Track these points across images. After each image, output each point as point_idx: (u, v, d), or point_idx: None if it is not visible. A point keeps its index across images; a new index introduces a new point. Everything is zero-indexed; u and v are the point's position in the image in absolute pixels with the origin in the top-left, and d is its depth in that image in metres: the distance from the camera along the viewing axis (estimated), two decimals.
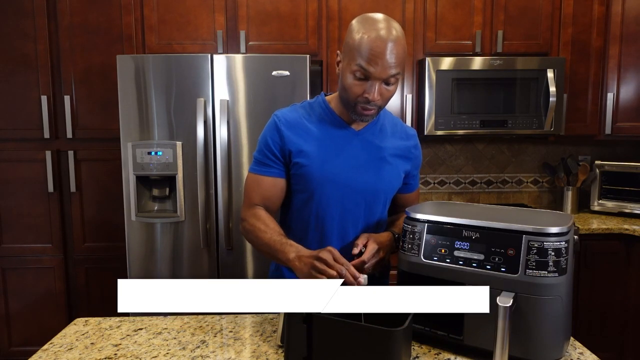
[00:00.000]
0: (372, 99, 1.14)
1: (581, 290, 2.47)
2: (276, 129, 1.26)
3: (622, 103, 2.63)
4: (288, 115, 1.27)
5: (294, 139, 1.24)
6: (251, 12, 2.52)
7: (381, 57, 1.09)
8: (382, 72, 1.11)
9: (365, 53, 1.10)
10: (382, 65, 1.10)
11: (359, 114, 1.19)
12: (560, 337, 0.97)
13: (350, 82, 1.15)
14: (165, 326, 1.21)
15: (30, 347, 2.61)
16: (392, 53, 1.10)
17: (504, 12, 2.61)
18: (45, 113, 2.50)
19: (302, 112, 1.29)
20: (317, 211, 1.27)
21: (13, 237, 2.59)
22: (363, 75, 1.12)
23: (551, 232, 0.94)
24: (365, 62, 1.10)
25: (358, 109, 1.18)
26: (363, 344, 0.87)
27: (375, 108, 1.18)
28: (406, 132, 1.36)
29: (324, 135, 1.26)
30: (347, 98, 1.18)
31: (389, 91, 1.16)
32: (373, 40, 1.09)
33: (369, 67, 1.10)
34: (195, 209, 2.23)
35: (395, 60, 1.11)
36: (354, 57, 1.12)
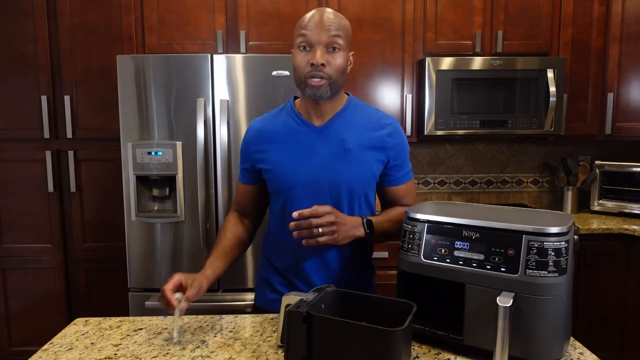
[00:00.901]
0: (316, 62, 1.16)
1: (581, 290, 2.47)
2: (244, 140, 1.36)
3: (622, 103, 2.64)
4: (256, 125, 1.34)
5: (259, 146, 1.31)
6: (251, 12, 2.52)
7: (318, 22, 1.17)
8: (320, 33, 1.17)
9: (303, 23, 1.19)
10: (320, 28, 1.17)
11: (310, 87, 1.20)
12: (560, 337, 0.97)
13: (298, 57, 1.20)
14: (165, 326, 1.21)
15: (30, 347, 2.61)
16: (328, 18, 1.18)
17: (504, 12, 2.61)
18: (45, 113, 2.50)
19: (271, 117, 1.34)
20: (287, 216, 1.28)
21: (13, 237, 2.59)
22: (305, 42, 1.18)
23: (551, 232, 0.94)
24: (305, 29, 1.18)
25: (308, 81, 1.19)
26: (363, 344, 0.87)
27: (324, 77, 1.18)
28: (380, 122, 1.31)
29: (286, 138, 1.28)
30: (298, 75, 1.21)
31: (335, 58, 1.19)
32: (309, 13, 1.21)
33: (309, 31, 1.17)
34: (195, 209, 2.23)
35: (331, 24, 1.17)
36: (296, 34, 1.21)
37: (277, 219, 1.34)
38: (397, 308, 0.99)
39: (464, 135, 2.58)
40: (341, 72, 1.22)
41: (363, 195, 1.30)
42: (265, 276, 1.40)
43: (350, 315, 1.02)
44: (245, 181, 1.38)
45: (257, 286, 1.45)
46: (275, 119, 1.33)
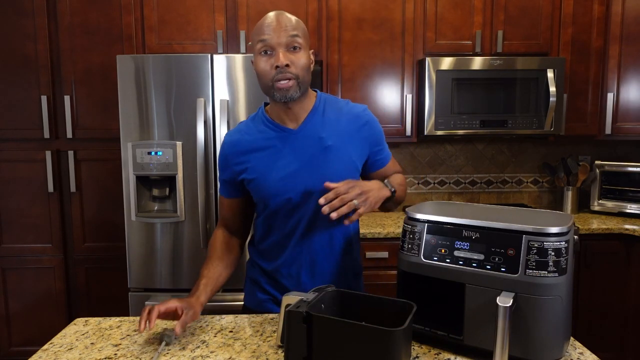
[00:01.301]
0: (280, 64, 1.16)
1: (581, 290, 2.47)
2: (222, 153, 1.33)
3: (622, 103, 2.64)
4: (231, 137, 1.31)
5: (238, 158, 1.29)
6: (251, 12, 2.52)
7: (274, 24, 1.17)
8: (279, 35, 1.17)
9: (261, 29, 1.19)
10: (277, 30, 1.17)
11: (278, 90, 1.19)
12: (560, 337, 0.97)
13: (260, 63, 1.19)
14: (165, 326, 1.21)
15: (30, 347, 2.61)
16: (283, 19, 1.18)
17: (504, 12, 2.61)
18: (45, 113, 2.50)
19: (244, 128, 1.32)
20: (275, 221, 1.29)
21: (13, 237, 2.59)
22: (266, 47, 1.18)
23: (551, 232, 0.94)
24: (263, 34, 1.18)
25: (275, 85, 1.18)
26: (363, 344, 0.87)
27: (291, 77, 1.18)
28: (352, 112, 1.31)
29: (263, 145, 1.27)
30: (265, 81, 1.20)
31: (298, 57, 1.18)
32: (262, 19, 1.21)
33: (267, 36, 1.17)
34: (195, 209, 2.23)
35: (288, 24, 1.18)
36: (255, 40, 1.20)
37: (263, 225, 1.33)
38: (397, 308, 0.99)
39: (464, 135, 2.58)
40: (306, 70, 1.21)
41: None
42: (253, 277, 1.40)
43: (350, 315, 1.02)
44: (228, 195, 1.36)
45: (245, 287, 1.45)
46: (249, 128, 1.30)
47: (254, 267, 1.41)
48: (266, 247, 1.35)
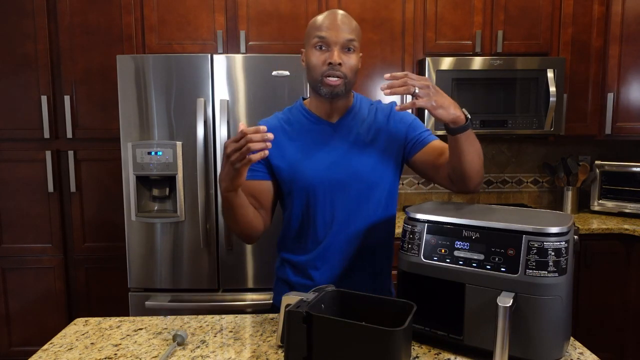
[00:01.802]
0: (333, 61, 1.20)
1: (581, 290, 2.47)
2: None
3: (622, 103, 2.63)
4: (268, 122, 1.32)
5: (272, 141, 1.22)
6: (251, 12, 2.52)
7: (334, 23, 1.23)
8: (337, 35, 1.21)
9: (319, 25, 1.24)
10: (336, 30, 1.22)
11: (326, 85, 1.22)
12: (560, 337, 0.97)
13: (313, 56, 1.23)
14: (165, 326, 1.21)
15: (30, 347, 2.61)
16: (344, 20, 1.24)
17: (504, 12, 2.61)
18: (45, 113, 2.50)
19: (282, 117, 1.34)
20: (307, 210, 1.29)
21: (13, 237, 2.59)
22: (322, 43, 1.22)
23: (551, 232, 0.94)
24: (322, 30, 1.22)
25: (325, 80, 1.22)
26: (363, 344, 0.87)
27: (340, 76, 1.21)
28: (383, 107, 1.35)
29: (301, 136, 1.29)
30: (314, 74, 1.23)
31: (350, 58, 1.23)
32: (324, 16, 1.26)
33: (325, 33, 1.22)
34: (195, 209, 2.23)
35: (347, 27, 1.23)
36: (311, 34, 1.25)
37: (294, 217, 1.31)
38: (397, 308, 0.99)
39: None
40: (355, 72, 1.26)
41: (387, 185, 1.31)
42: (283, 277, 1.38)
43: (350, 315, 1.02)
44: (260, 176, 1.29)
45: (275, 287, 1.43)
46: (287, 117, 1.34)
47: (283, 266, 1.39)
48: (297, 239, 1.33)
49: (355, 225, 1.28)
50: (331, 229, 1.28)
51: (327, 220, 1.28)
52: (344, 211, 1.28)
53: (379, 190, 1.30)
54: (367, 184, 1.28)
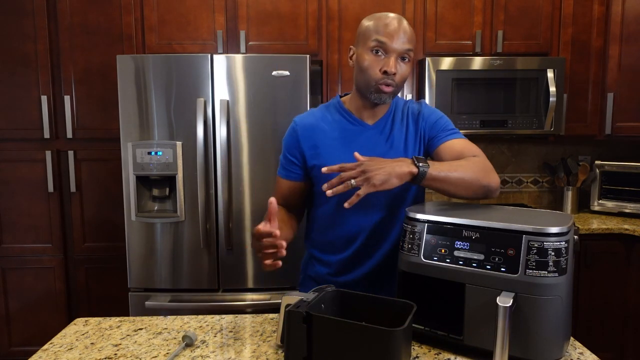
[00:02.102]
0: (390, 71, 1.18)
1: (581, 290, 2.47)
2: (293, 134, 1.32)
3: (622, 103, 2.63)
4: (305, 120, 1.32)
5: (310, 142, 1.30)
6: (251, 12, 2.52)
7: (396, 30, 1.19)
8: (398, 43, 1.18)
9: (381, 29, 1.19)
10: (397, 37, 1.18)
11: (378, 92, 1.22)
12: (560, 337, 0.97)
13: (369, 60, 1.20)
14: (165, 326, 1.21)
15: (30, 347, 2.61)
16: (405, 29, 1.20)
17: (504, 12, 2.61)
18: (45, 113, 2.50)
19: (318, 114, 1.33)
20: (336, 209, 1.29)
21: (13, 237, 2.59)
22: (381, 48, 1.19)
23: (551, 232, 0.94)
24: (382, 35, 1.18)
25: (378, 86, 1.21)
26: (363, 344, 0.87)
27: (393, 84, 1.21)
28: (412, 109, 1.34)
29: (338, 134, 1.29)
30: (367, 79, 1.22)
31: (405, 68, 1.22)
32: (386, 17, 1.21)
33: (386, 38, 1.18)
34: (195, 209, 2.23)
35: (408, 36, 1.20)
36: (369, 36, 1.20)
37: (325, 218, 1.33)
38: (397, 308, 0.99)
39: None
40: (405, 81, 1.26)
41: (415, 189, 1.32)
42: (312, 275, 1.39)
43: (350, 315, 1.02)
44: (294, 177, 1.33)
45: (302, 286, 1.44)
46: (324, 115, 1.33)
47: (311, 263, 1.39)
48: (328, 240, 1.34)
49: (388, 228, 1.29)
50: (359, 231, 1.29)
51: (361, 223, 1.29)
52: (377, 214, 1.28)
53: (411, 192, 1.31)
54: (400, 187, 1.24)
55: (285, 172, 1.35)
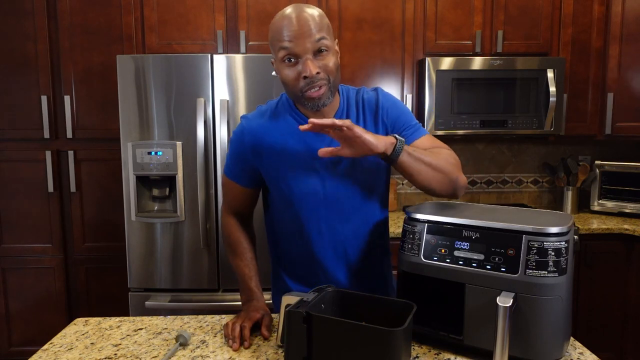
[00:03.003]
0: (309, 75, 1.07)
1: (581, 290, 2.47)
2: (239, 139, 1.24)
3: (622, 103, 2.63)
4: (253, 122, 1.24)
5: (260, 148, 1.21)
6: (251, 12, 2.52)
7: (296, 29, 1.06)
8: (304, 43, 1.06)
9: (282, 35, 1.07)
10: (301, 37, 1.06)
11: (309, 99, 1.11)
12: (560, 337, 0.97)
13: (285, 71, 1.10)
14: (165, 326, 1.21)
15: (30, 347, 2.61)
16: (306, 22, 1.06)
17: (504, 12, 2.61)
18: (45, 113, 2.50)
19: (268, 114, 1.24)
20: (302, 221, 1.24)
21: (13, 237, 2.59)
22: (291, 56, 1.08)
23: (551, 232, 0.94)
24: (285, 42, 1.07)
25: (306, 94, 1.10)
26: (363, 344, 0.87)
27: (322, 84, 1.10)
28: (369, 101, 1.24)
29: (289, 138, 1.20)
30: (292, 90, 1.12)
31: (326, 61, 1.09)
32: (282, 19, 1.08)
33: (290, 44, 1.07)
34: (195, 209, 2.23)
35: (312, 27, 1.06)
36: (276, 46, 1.10)
37: (279, 219, 1.29)
38: (397, 308, 0.99)
39: (464, 135, 2.58)
40: (336, 71, 1.13)
41: (381, 189, 1.27)
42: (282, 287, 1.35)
43: (350, 315, 1.02)
44: (245, 183, 1.28)
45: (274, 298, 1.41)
46: (274, 117, 1.23)
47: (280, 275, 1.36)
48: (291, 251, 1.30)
49: (347, 235, 1.24)
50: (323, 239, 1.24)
51: (321, 231, 1.24)
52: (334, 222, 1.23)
53: (371, 196, 1.25)
54: (358, 192, 1.22)
55: (236, 176, 1.28)
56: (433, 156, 1.12)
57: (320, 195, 1.21)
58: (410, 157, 1.07)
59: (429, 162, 1.10)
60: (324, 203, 1.22)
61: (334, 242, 1.25)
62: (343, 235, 1.25)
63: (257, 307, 1.19)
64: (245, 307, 1.22)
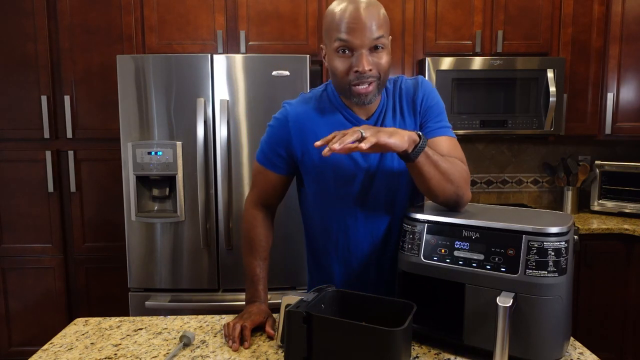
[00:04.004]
0: (362, 70, 1.06)
1: (581, 290, 2.47)
2: (281, 122, 1.21)
3: (622, 103, 2.63)
4: (298, 109, 1.21)
5: (302, 135, 1.19)
6: (251, 12, 2.52)
7: (357, 23, 1.04)
8: (363, 37, 1.04)
9: (341, 26, 1.05)
10: (361, 30, 1.04)
11: (356, 95, 1.10)
12: (560, 337, 0.97)
13: (337, 62, 1.08)
14: (165, 326, 1.21)
15: (30, 347, 2.61)
16: (368, 15, 1.04)
17: (504, 12, 2.61)
18: (45, 113, 2.50)
19: (312, 103, 1.21)
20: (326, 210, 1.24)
21: (13, 237, 2.59)
22: (346, 48, 1.06)
23: (551, 232, 0.94)
24: (343, 33, 1.05)
25: (354, 89, 1.09)
26: (363, 344, 0.87)
27: (372, 81, 1.08)
28: (407, 92, 1.21)
29: (331, 129, 1.16)
30: (340, 82, 1.11)
31: (380, 58, 1.08)
32: (344, 10, 1.06)
33: (348, 36, 1.05)
34: (195, 209, 2.23)
35: (372, 22, 1.04)
36: (332, 36, 1.08)
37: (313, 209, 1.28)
38: (397, 308, 0.99)
39: (464, 135, 2.58)
40: (387, 70, 1.11)
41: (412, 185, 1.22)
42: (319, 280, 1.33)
43: (350, 315, 1.02)
44: (279, 171, 1.24)
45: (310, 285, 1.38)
46: (318, 105, 1.20)
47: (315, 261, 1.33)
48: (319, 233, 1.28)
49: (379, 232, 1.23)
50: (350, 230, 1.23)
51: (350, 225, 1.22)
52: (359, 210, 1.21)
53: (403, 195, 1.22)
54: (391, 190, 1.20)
55: (271, 163, 1.24)
56: (448, 164, 1.08)
57: (357, 195, 1.20)
58: (428, 159, 1.04)
59: (444, 170, 1.06)
60: (360, 202, 1.20)
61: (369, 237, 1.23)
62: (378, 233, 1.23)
63: (260, 310, 1.19)
64: (248, 308, 1.22)
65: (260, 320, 1.15)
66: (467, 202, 1.14)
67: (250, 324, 1.12)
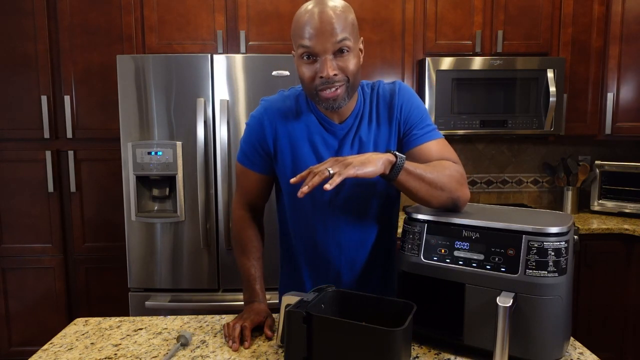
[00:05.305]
0: (326, 76, 1.04)
1: (581, 290, 2.47)
2: (258, 119, 1.21)
3: (622, 103, 2.63)
4: (274, 107, 1.20)
5: (275, 134, 1.19)
6: (251, 12, 2.52)
7: (318, 28, 1.02)
8: (325, 42, 1.03)
9: (303, 32, 1.04)
10: (322, 36, 1.02)
11: (324, 100, 1.08)
12: (560, 337, 0.97)
13: (303, 69, 1.07)
14: (165, 326, 1.21)
15: (30, 347, 2.61)
16: (330, 20, 1.02)
17: (504, 12, 2.61)
18: (45, 113, 2.50)
19: (289, 102, 1.20)
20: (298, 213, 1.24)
21: (13, 237, 2.59)
22: (309, 54, 1.05)
23: (551, 232, 0.94)
24: (306, 40, 1.04)
25: (320, 94, 1.07)
26: (363, 344, 0.87)
27: (339, 85, 1.07)
28: (384, 97, 1.19)
29: (303, 133, 1.18)
30: (308, 88, 1.10)
31: (346, 62, 1.06)
32: (306, 15, 1.04)
33: (311, 42, 1.03)
34: (195, 209, 2.23)
35: (336, 26, 1.02)
36: (296, 42, 1.07)
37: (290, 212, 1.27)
38: (397, 308, 0.99)
39: (464, 135, 2.58)
40: (356, 73, 1.09)
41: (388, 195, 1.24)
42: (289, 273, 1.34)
43: (350, 315, 1.02)
44: (260, 170, 1.23)
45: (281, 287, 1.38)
46: (294, 106, 1.19)
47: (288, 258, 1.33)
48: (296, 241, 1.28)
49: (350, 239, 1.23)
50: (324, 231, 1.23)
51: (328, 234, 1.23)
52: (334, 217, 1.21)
53: (384, 202, 1.23)
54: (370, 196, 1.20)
55: (251, 162, 1.23)
56: (435, 172, 1.06)
57: (327, 200, 1.20)
58: (410, 175, 1.02)
59: (429, 180, 1.05)
60: (330, 208, 1.20)
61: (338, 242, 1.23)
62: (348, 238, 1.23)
63: (259, 310, 1.19)
64: (247, 308, 1.22)
65: (260, 320, 1.15)
66: (465, 202, 1.13)
67: (250, 323, 1.12)
